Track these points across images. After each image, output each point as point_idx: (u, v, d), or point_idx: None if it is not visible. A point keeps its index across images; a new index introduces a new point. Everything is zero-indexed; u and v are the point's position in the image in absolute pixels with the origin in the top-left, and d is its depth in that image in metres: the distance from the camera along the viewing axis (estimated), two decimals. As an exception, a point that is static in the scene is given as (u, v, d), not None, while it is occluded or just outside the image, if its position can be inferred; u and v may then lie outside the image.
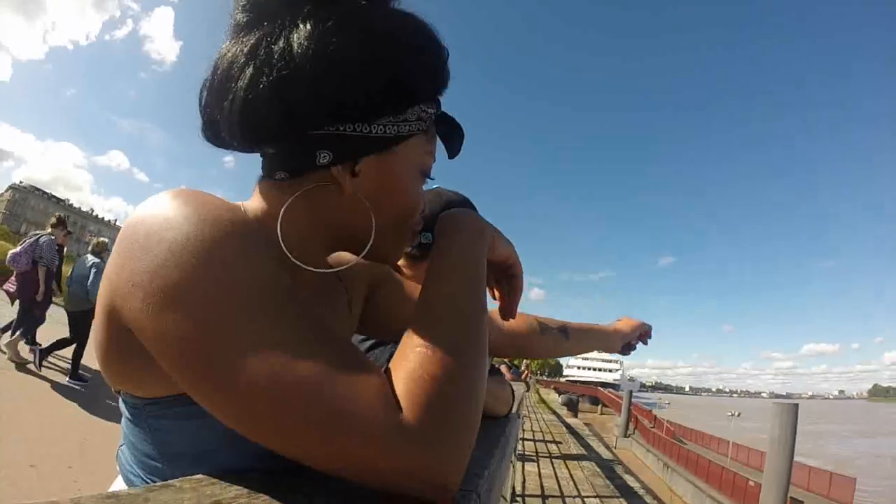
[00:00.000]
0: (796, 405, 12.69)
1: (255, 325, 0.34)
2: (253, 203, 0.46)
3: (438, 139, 0.49)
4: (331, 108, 0.40)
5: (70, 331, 5.01)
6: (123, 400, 0.45)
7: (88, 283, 4.81)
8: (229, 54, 0.41)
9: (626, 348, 1.04)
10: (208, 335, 0.33)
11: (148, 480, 0.44)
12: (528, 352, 0.83)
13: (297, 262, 0.43)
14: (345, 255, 0.55)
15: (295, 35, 0.39)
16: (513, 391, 1.19)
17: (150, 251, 0.35)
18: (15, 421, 3.70)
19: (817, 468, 15.77)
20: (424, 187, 0.50)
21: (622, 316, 1.12)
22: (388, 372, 0.37)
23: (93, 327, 0.43)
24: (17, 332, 4.80)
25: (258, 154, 0.46)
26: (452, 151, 0.50)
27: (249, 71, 0.39)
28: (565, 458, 9.02)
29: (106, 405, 4.50)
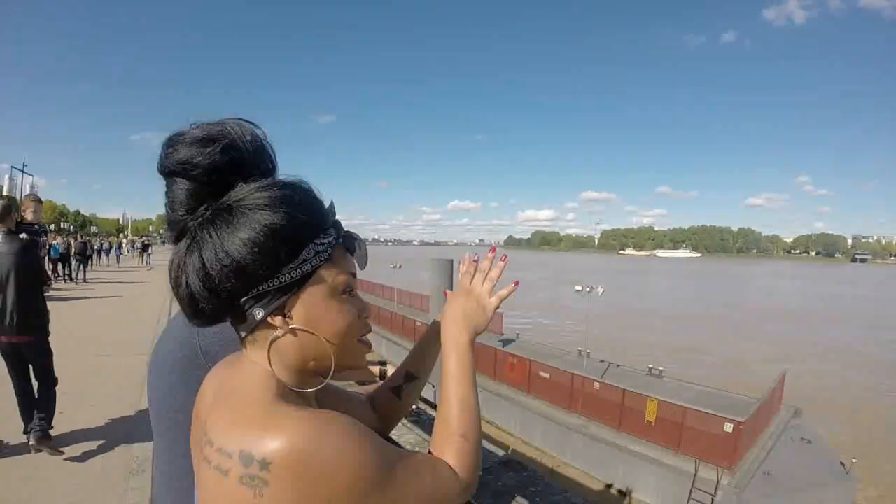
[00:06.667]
0: (451, 261, 16.20)
1: (392, 469, 0.51)
2: (262, 367, 0.55)
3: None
4: (243, 281, 0.52)
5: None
6: None
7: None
8: (175, 259, 0.54)
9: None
10: (383, 488, 0.50)
11: None
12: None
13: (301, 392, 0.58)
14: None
15: (206, 246, 0.52)
16: None
17: (324, 480, 0.46)
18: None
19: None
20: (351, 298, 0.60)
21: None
22: (430, 452, 0.64)
23: None
24: None
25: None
26: (360, 264, 0.61)
27: (184, 277, 0.53)
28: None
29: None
